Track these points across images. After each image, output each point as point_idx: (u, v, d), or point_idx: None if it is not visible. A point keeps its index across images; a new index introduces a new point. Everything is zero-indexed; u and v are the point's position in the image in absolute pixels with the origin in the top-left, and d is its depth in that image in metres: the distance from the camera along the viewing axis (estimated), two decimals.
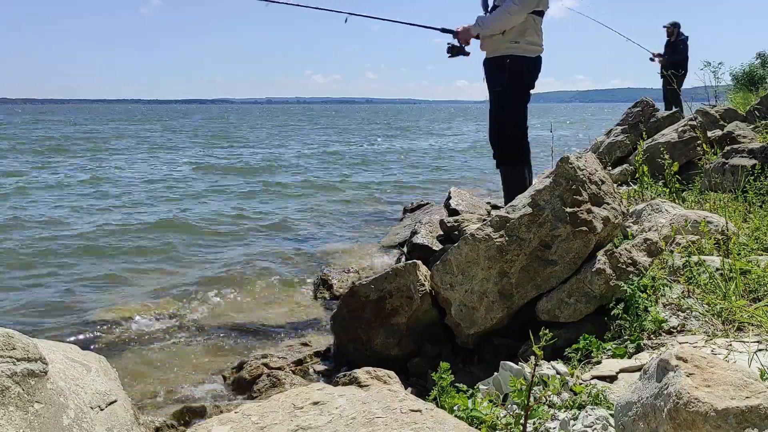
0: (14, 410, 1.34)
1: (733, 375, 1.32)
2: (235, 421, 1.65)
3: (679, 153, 5.86)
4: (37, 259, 6.03)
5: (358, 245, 6.68)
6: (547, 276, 2.77)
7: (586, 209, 2.77)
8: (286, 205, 9.60)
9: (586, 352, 2.35)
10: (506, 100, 3.76)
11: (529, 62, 3.71)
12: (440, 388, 2.04)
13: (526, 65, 3.71)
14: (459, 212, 4.44)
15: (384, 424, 1.53)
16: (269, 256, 6.24)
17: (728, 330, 2.27)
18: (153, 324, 4.34)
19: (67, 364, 1.72)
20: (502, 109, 3.78)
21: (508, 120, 3.77)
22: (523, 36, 3.63)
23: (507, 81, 3.70)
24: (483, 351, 2.95)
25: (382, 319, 3.15)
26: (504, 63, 3.67)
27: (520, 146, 3.82)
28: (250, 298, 4.96)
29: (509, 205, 3.00)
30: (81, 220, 8.23)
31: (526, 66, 3.71)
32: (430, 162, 16.84)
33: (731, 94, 13.85)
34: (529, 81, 3.79)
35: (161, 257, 6.15)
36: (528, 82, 3.79)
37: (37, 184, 11.53)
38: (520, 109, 3.80)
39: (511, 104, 3.77)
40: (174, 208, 9.13)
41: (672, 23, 10.10)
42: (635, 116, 8.29)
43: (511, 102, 3.76)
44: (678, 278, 2.83)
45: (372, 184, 12.03)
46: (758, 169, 4.37)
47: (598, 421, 1.77)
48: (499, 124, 3.81)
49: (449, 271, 2.92)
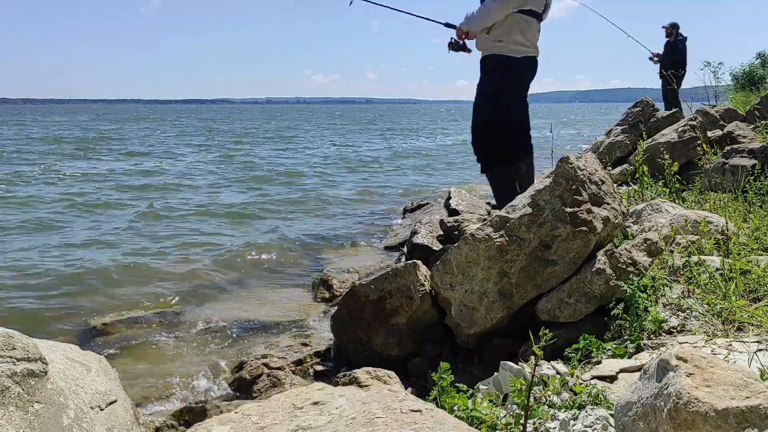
0: (14, 410, 1.34)
1: (733, 375, 1.32)
2: (235, 421, 1.65)
3: (679, 153, 5.86)
4: (37, 258, 6.04)
5: (358, 245, 6.68)
6: (547, 276, 2.77)
7: (586, 209, 2.77)
8: (285, 204, 9.60)
9: (586, 352, 2.35)
10: (497, 100, 3.74)
11: (514, 62, 3.68)
12: (440, 388, 2.04)
13: (513, 65, 3.68)
14: (459, 212, 4.44)
15: (384, 424, 1.53)
16: (269, 256, 6.24)
17: (728, 330, 2.27)
18: (153, 324, 4.35)
19: (67, 364, 1.72)
20: (493, 108, 3.76)
21: (499, 120, 3.75)
22: (508, 35, 3.61)
23: (498, 80, 3.69)
24: (483, 351, 2.95)
25: (382, 319, 3.15)
26: (492, 62, 3.67)
27: (512, 146, 3.79)
28: (250, 298, 4.96)
29: (509, 205, 3.00)
30: (81, 220, 8.24)
31: (514, 66, 3.69)
32: (430, 162, 16.84)
33: (731, 94, 13.87)
34: (520, 81, 3.76)
35: (161, 257, 6.15)
36: (518, 82, 3.76)
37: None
38: (513, 109, 3.78)
39: (503, 104, 3.75)
40: (174, 209, 9.14)
41: (671, 24, 10.13)
42: (635, 116, 8.30)
43: (502, 102, 3.74)
44: (678, 278, 2.83)
45: (372, 184, 12.04)
46: (758, 169, 4.38)
47: (598, 421, 1.77)
48: (488, 125, 3.78)
49: (449, 271, 2.92)
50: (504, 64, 3.65)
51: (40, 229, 7.54)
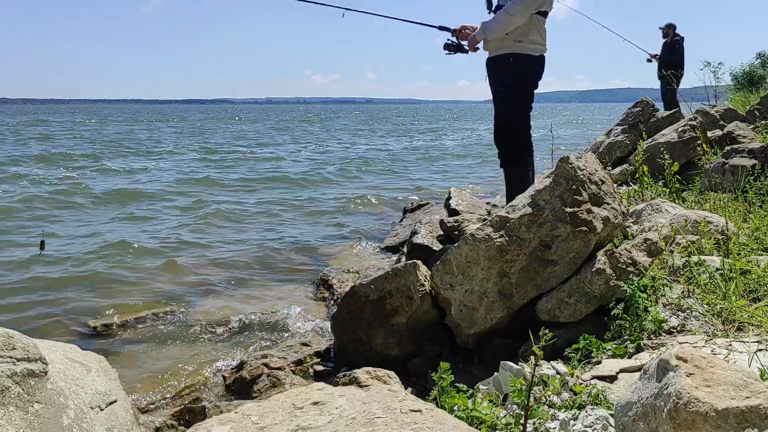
0: (14, 410, 1.34)
1: (733, 375, 1.32)
2: (235, 421, 1.65)
3: (679, 153, 5.86)
4: (37, 258, 6.03)
5: (358, 245, 6.68)
6: (547, 276, 2.77)
7: (586, 209, 2.77)
8: (285, 204, 9.60)
9: (586, 352, 2.35)
10: (512, 100, 3.74)
11: (532, 61, 3.70)
12: (440, 388, 2.04)
13: (531, 64, 3.70)
14: (459, 212, 4.44)
15: (384, 424, 1.53)
16: (269, 256, 6.24)
17: (728, 330, 2.27)
18: (153, 324, 4.35)
19: (67, 364, 1.72)
20: (509, 108, 3.76)
21: (513, 120, 3.76)
22: (527, 35, 3.62)
23: (512, 80, 3.68)
24: (483, 351, 2.94)
25: (382, 319, 3.15)
26: (508, 62, 3.65)
27: (521, 147, 3.81)
28: (250, 298, 4.96)
29: (509, 205, 3.00)
30: (84, 219, 8.24)
31: (532, 64, 3.70)
32: (430, 162, 16.84)
33: (731, 94, 13.87)
34: (533, 80, 3.78)
35: (161, 257, 6.14)
36: (531, 81, 3.78)
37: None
38: (525, 108, 3.79)
39: (517, 104, 3.75)
40: (175, 208, 9.14)
41: (667, 24, 10.16)
42: (635, 116, 8.30)
43: (516, 101, 3.75)
44: (678, 278, 2.83)
45: (372, 184, 12.04)
46: (758, 169, 4.38)
47: (598, 421, 1.77)
48: (505, 124, 3.79)
49: (449, 271, 2.92)
50: (522, 63, 3.65)
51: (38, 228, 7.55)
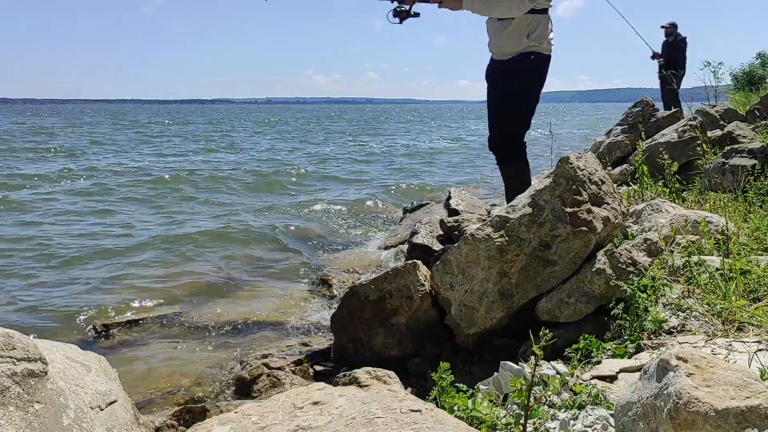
0: (14, 410, 1.34)
1: (733, 375, 1.32)
2: (235, 421, 1.65)
3: (679, 153, 5.86)
4: (37, 258, 6.03)
5: (358, 245, 6.68)
6: (547, 276, 2.77)
7: (586, 209, 2.77)
8: (285, 204, 9.60)
9: (586, 352, 2.34)
10: (521, 102, 3.73)
11: (547, 60, 3.71)
12: (440, 388, 2.04)
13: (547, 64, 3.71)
14: (459, 212, 4.44)
15: (384, 424, 1.53)
16: (269, 256, 6.24)
17: (728, 330, 2.27)
18: (153, 324, 4.34)
19: (67, 364, 1.72)
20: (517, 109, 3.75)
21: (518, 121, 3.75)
22: (544, 36, 3.63)
23: (525, 80, 3.67)
24: (483, 351, 2.94)
25: (381, 319, 3.15)
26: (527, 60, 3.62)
27: (521, 147, 3.81)
28: (250, 298, 4.96)
29: (509, 205, 3.00)
30: (83, 220, 8.24)
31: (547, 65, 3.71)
32: (430, 162, 16.84)
33: (731, 94, 13.86)
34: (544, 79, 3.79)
35: (161, 257, 6.14)
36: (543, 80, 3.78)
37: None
38: (531, 108, 3.79)
39: (525, 104, 3.75)
40: (175, 208, 9.14)
41: (670, 23, 10.14)
42: (635, 116, 8.30)
43: (524, 101, 3.74)
44: (678, 278, 2.83)
45: (372, 184, 12.04)
46: (758, 169, 4.38)
47: (598, 421, 1.77)
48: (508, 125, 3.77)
49: (449, 271, 2.92)
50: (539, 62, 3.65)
51: (36, 228, 7.55)
